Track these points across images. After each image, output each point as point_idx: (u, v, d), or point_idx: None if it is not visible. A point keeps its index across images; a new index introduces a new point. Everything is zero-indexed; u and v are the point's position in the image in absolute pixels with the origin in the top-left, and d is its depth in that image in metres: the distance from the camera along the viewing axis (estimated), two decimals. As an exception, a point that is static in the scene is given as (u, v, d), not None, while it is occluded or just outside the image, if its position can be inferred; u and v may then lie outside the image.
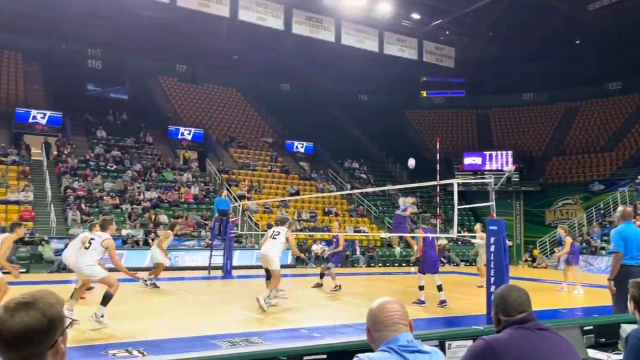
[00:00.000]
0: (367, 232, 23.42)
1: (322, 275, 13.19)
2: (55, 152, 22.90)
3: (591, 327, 3.32)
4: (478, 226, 13.96)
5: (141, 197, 21.24)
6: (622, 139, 30.48)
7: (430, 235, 10.20)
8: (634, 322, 2.86)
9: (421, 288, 10.24)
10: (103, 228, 8.03)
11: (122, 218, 19.64)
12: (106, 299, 7.43)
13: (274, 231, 9.76)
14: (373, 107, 36.21)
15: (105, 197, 20.36)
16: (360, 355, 1.89)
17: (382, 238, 23.70)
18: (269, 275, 9.57)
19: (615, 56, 30.49)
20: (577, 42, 32.05)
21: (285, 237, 9.53)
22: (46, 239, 16.66)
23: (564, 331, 2.83)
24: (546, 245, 25.14)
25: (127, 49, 29.75)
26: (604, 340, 3.34)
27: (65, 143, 22.97)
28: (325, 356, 2.46)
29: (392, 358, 1.86)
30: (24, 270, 15.54)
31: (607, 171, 28.62)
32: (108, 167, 22.67)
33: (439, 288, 10.03)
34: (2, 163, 20.37)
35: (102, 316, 7.36)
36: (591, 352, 3.23)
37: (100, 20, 26.40)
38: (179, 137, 27.26)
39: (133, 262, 16.25)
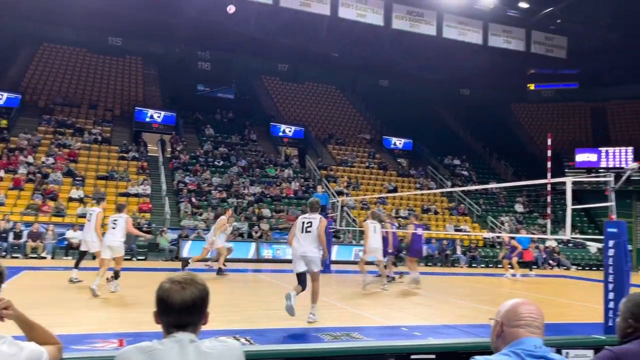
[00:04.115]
0: (468, 232, 22.66)
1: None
2: (169, 149, 24.67)
3: None
4: None
5: (246, 191, 22.24)
6: None
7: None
8: None
9: None
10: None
11: (228, 211, 20.71)
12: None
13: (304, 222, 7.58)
14: (476, 102, 34.91)
15: (213, 191, 21.57)
16: (478, 357, 1.83)
17: (484, 238, 22.82)
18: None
19: None
20: None
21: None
22: (164, 229, 17.98)
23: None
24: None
25: (233, 50, 31.24)
26: None
27: (178, 140, 24.66)
28: (434, 356, 2.43)
29: None
30: (143, 257, 16.98)
31: None
32: (216, 162, 24.00)
33: None
34: (124, 159, 22.34)
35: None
36: None
37: (209, 23, 27.92)
38: (281, 134, 28.16)
39: (239, 254, 17.08)
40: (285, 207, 21.91)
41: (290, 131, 28.33)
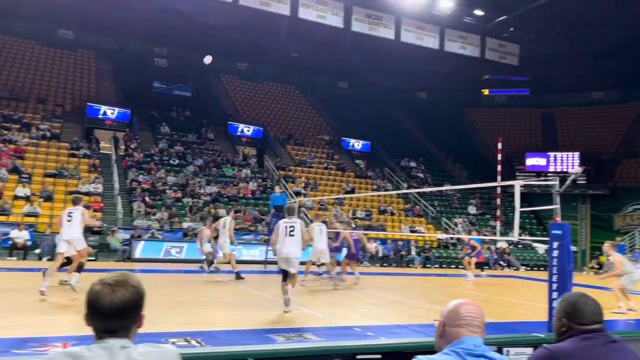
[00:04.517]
0: (423, 233, 23.08)
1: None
2: (123, 147, 24.01)
3: (664, 341, 3.12)
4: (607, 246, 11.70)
5: (202, 191, 21.90)
6: (702, 141, 28.45)
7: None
8: None
9: None
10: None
11: (183, 211, 20.35)
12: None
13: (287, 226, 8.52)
14: (432, 105, 35.61)
15: (168, 191, 21.13)
16: (420, 357, 1.86)
17: (439, 239, 23.29)
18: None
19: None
20: (654, 38, 30.06)
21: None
22: (115, 229, 17.50)
23: (634, 344, 2.69)
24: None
25: (191, 47, 30.69)
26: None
27: (132, 138, 24.04)
28: (379, 356, 2.44)
29: None
30: (93, 258, 16.46)
31: (684, 175, 26.79)
32: (171, 161, 23.53)
33: None
34: (74, 156, 21.59)
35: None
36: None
37: (167, 19, 27.38)
38: (239, 133, 27.87)
39: (194, 254, 16.81)
40: (242, 208, 21.70)
41: (248, 131, 28.09)
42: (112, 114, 24.87)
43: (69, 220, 9.23)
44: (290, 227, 8.45)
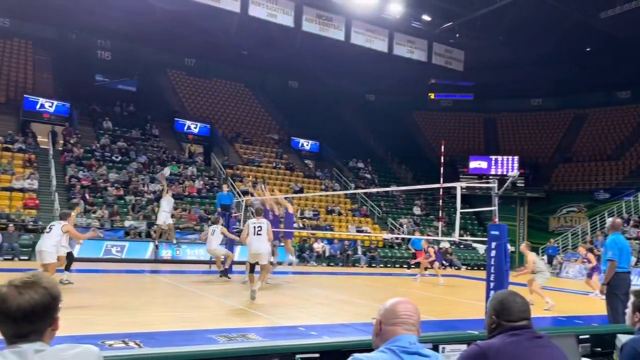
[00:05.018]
0: (369, 232, 23.40)
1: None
2: (62, 141, 23.01)
3: (587, 336, 3.29)
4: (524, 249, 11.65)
5: (145, 189, 21.30)
6: (629, 147, 30.33)
7: None
8: (631, 333, 2.84)
9: None
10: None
11: (125, 209, 19.73)
12: None
13: (255, 226, 10.01)
14: (380, 108, 36.15)
15: (109, 188, 20.42)
16: (357, 355, 1.87)
17: (384, 239, 23.67)
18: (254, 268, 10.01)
19: (625, 64, 30.23)
20: (588, 49, 31.81)
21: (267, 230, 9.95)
22: (46, 226, 16.71)
23: (559, 339, 2.82)
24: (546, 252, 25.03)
25: (137, 41, 29.79)
26: (599, 349, 3.32)
27: (71, 132, 23.07)
28: (318, 355, 2.44)
29: (389, 359, 1.85)
30: (27, 257, 15.70)
31: (613, 180, 28.46)
32: (113, 157, 22.74)
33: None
34: (8, 150, 20.48)
35: None
36: (585, 362, 3.22)
37: (111, 10, 26.43)
38: (185, 130, 27.30)
39: (135, 254, 16.35)
40: (187, 206, 21.27)
41: (195, 128, 27.55)
42: (51, 107, 23.77)
43: (47, 232, 9.59)
44: (258, 227, 9.94)
